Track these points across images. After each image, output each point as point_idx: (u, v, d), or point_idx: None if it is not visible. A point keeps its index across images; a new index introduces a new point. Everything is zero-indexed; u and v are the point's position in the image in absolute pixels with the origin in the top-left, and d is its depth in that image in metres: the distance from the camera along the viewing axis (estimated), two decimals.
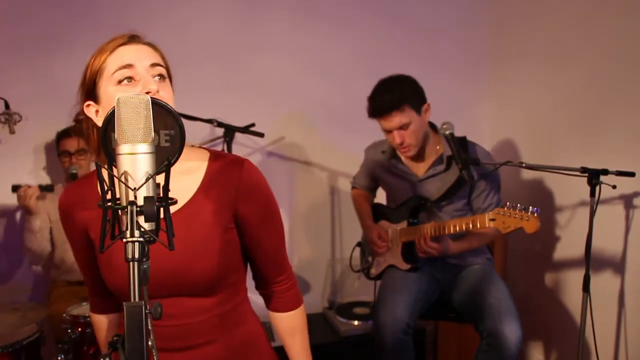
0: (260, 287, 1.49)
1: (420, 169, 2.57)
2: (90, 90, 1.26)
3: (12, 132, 2.82)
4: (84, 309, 2.56)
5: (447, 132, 2.32)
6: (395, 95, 2.37)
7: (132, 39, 1.26)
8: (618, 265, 2.66)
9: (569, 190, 2.90)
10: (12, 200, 3.12)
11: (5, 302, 2.75)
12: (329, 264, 3.68)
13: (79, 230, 1.34)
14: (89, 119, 1.30)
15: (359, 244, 2.98)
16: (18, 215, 3.26)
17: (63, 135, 3.03)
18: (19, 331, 2.55)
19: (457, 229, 2.28)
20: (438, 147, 2.55)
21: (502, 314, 2.28)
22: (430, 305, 2.63)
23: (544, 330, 3.30)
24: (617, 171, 2.18)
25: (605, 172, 2.17)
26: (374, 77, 2.60)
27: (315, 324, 3.36)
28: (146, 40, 1.30)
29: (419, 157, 2.54)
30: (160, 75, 1.24)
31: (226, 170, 1.32)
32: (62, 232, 2.86)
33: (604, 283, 2.73)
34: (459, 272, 2.58)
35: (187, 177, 1.29)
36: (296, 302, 1.48)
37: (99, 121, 1.27)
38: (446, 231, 2.30)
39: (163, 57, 1.30)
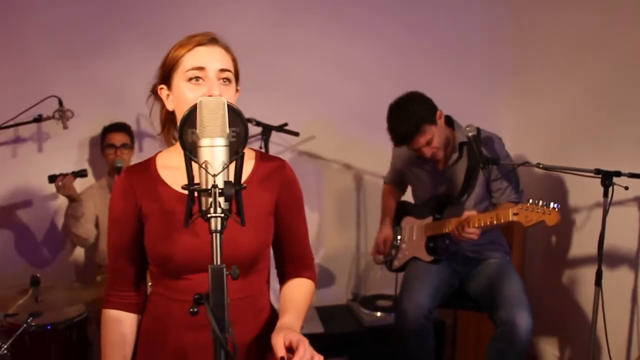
0: (283, 271, 1.62)
1: (441, 161, 2.74)
2: (165, 77, 1.44)
3: (65, 127, 3.06)
4: None
5: (470, 134, 2.50)
6: (411, 121, 2.53)
7: (210, 41, 1.43)
8: (632, 263, 2.80)
9: (584, 192, 3.04)
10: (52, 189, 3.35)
11: (55, 283, 2.94)
12: (353, 257, 3.86)
13: (131, 207, 1.46)
14: (159, 98, 1.49)
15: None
16: (57, 202, 3.49)
17: (110, 129, 3.23)
18: (69, 309, 2.76)
19: (482, 223, 2.43)
20: (452, 139, 2.71)
21: (516, 305, 2.45)
22: (450, 295, 2.80)
23: (558, 325, 3.43)
24: (629, 173, 2.33)
25: (618, 174, 2.32)
26: (398, 82, 2.78)
27: (340, 314, 3.55)
28: (223, 42, 1.46)
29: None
30: (226, 79, 1.41)
31: (271, 167, 1.52)
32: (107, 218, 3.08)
33: (618, 280, 2.88)
34: (477, 265, 2.75)
35: None
36: (311, 278, 1.61)
37: (168, 104, 1.45)
38: (471, 225, 2.46)
39: (234, 60, 1.47)
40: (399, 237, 2.99)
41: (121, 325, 1.49)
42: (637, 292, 2.80)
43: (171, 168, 1.48)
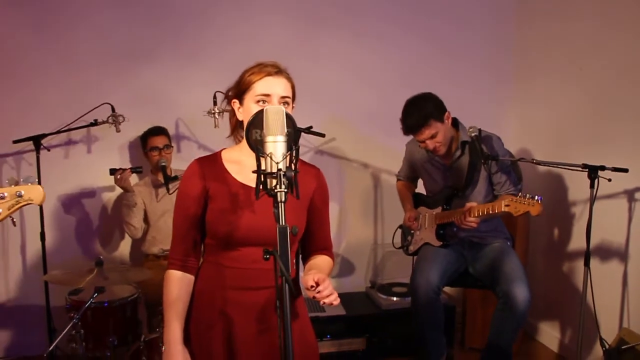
0: (309, 252, 1.98)
1: (448, 157, 3.10)
2: (238, 95, 1.82)
3: (118, 130, 3.46)
4: None
5: (473, 135, 2.86)
6: (421, 114, 2.90)
7: (277, 72, 1.79)
8: (621, 249, 3.15)
9: (584, 188, 3.36)
10: (103, 184, 3.79)
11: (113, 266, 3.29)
12: (372, 248, 4.22)
13: (200, 189, 1.79)
14: (232, 109, 1.86)
15: (400, 227, 3.50)
16: (107, 197, 3.89)
17: (151, 133, 3.59)
18: (123, 290, 3.14)
19: (480, 212, 2.79)
20: (456, 138, 3.06)
21: (514, 279, 2.80)
22: (458, 276, 3.16)
23: (559, 310, 3.77)
24: (612, 167, 2.67)
25: (603, 167, 2.67)
26: (411, 87, 3.12)
27: (360, 300, 3.90)
28: (286, 73, 1.82)
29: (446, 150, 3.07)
30: (286, 102, 1.78)
31: (311, 172, 1.91)
32: (155, 212, 3.49)
33: (609, 266, 3.22)
34: (481, 249, 3.10)
35: None
36: (330, 256, 1.98)
37: (239, 115, 1.83)
38: (472, 215, 2.81)
39: (292, 87, 1.83)
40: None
41: (182, 282, 1.81)
42: (627, 275, 3.13)
43: (234, 162, 1.85)
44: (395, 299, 3.73)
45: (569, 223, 3.61)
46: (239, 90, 1.82)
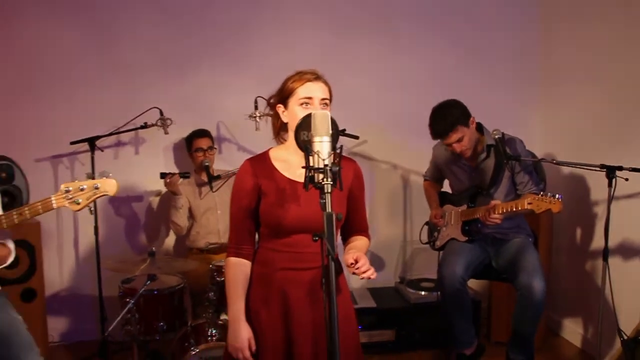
0: (348, 234, 2.20)
1: (473, 159, 3.29)
2: (283, 100, 2.04)
3: (166, 133, 3.74)
4: (223, 262, 3.22)
5: (497, 137, 3.06)
6: (448, 120, 3.10)
7: (316, 78, 2.02)
8: (639, 244, 3.30)
9: (604, 186, 3.52)
10: (150, 183, 4.05)
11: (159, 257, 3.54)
12: (401, 246, 4.43)
13: (253, 184, 2.03)
14: (276, 113, 2.08)
15: (426, 224, 3.70)
16: (153, 195, 4.17)
17: (197, 135, 3.85)
18: (170, 279, 3.38)
19: (504, 210, 2.98)
20: (482, 142, 3.25)
21: (532, 272, 3.01)
22: (482, 269, 3.35)
23: (581, 307, 3.92)
24: (630, 167, 2.84)
25: (620, 168, 2.84)
26: (439, 91, 3.32)
27: (389, 294, 4.12)
28: (323, 79, 2.05)
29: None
30: (325, 104, 2.02)
31: (347, 163, 2.12)
32: (199, 209, 3.76)
33: (627, 259, 3.38)
34: (503, 245, 3.29)
35: None
36: (367, 237, 2.21)
37: (284, 117, 2.05)
38: (496, 212, 3.01)
39: (330, 90, 2.05)
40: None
41: (239, 267, 2.05)
42: None
43: (281, 160, 2.08)
44: (423, 293, 3.93)
45: (591, 222, 3.77)
46: (283, 96, 2.05)
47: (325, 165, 1.60)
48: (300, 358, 1.98)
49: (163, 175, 3.72)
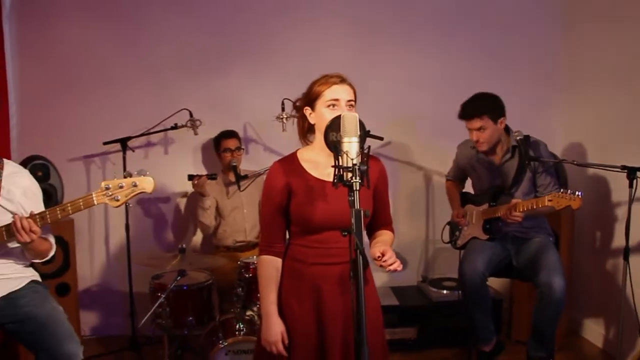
0: (374, 228, 2.29)
1: (497, 158, 3.35)
2: (310, 102, 2.13)
3: (196, 133, 3.86)
4: (251, 258, 3.39)
5: (518, 138, 3.13)
6: (477, 106, 3.20)
7: (341, 81, 2.12)
8: None
9: (625, 187, 3.56)
10: (178, 183, 4.15)
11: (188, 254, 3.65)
12: (423, 246, 4.49)
13: (284, 183, 2.12)
14: (303, 115, 2.17)
15: (448, 223, 3.77)
16: (181, 194, 4.29)
17: (225, 136, 3.96)
18: (199, 275, 3.48)
19: (525, 207, 3.04)
20: (508, 143, 3.31)
21: (552, 270, 3.07)
22: (503, 267, 3.41)
23: (603, 307, 3.94)
24: None
25: None
26: (460, 92, 3.36)
27: (412, 292, 4.19)
28: (348, 81, 2.14)
29: (492, 151, 3.32)
30: (351, 105, 2.11)
31: (373, 162, 2.20)
32: (226, 208, 3.87)
33: None
34: (524, 243, 3.34)
35: None
36: (392, 230, 2.31)
37: (311, 119, 2.14)
38: (517, 210, 3.07)
39: (354, 92, 2.14)
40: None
41: (271, 264, 2.16)
42: None
43: (308, 161, 2.17)
44: (445, 292, 3.99)
45: (612, 223, 3.80)
46: (310, 98, 2.14)
47: (354, 165, 1.69)
48: (331, 347, 2.08)
49: (191, 177, 3.83)
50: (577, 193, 2.81)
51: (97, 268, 4.23)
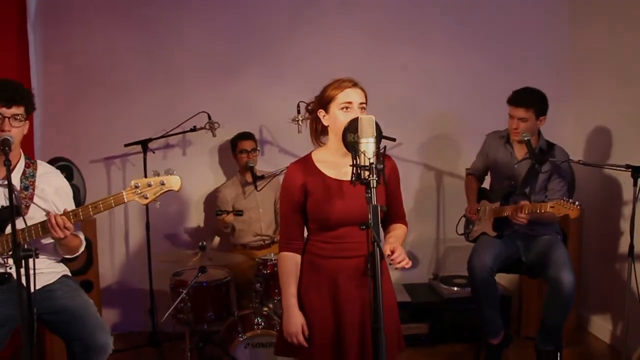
0: (388, 222, 2.40)
1: (520, 153, 3.45)
2: (324, 105, 2.25)
3: (214, 135, 3.98)
4: (268, 255, 3.53)
5: (526, 139, 3.23)
6: (529, 97, 3.31)
7: (354, 85, 2.23)
8: None
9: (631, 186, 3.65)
10: (195, 183, 4.29)
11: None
12: (434, 244, 4.60)
13: (301, 182, 2.24)
14: (317, 117, 2.28)
15: (464, 216, 3.81)
16: (199, 195, 4.42)
17: (240, 137, 4.08)
18: (218, 272, 3.57)
19: (529, 211, 3.16)
20: (536, 143, 3.39)
21: (561, 266, 3.18)
22: (512, 262, 3.50)
23: (611, 304, 4.02)
24: None
25: None
26: (470, 94, 3.46)
27: (423, 289, 4.30)
28: (360, 85, 2.26)
29: (520, 143, 3.41)
30: (363, 108, 2.23)
31: (385, 160, 2.28)
32: (242, 207, 3.94)
33: None
34: (533, 240, 3.44)
35: None
36: (405, 224, 2.42)
37: (325, 121, 2.25)
38: (522, 212, 3.18)
39: (366, 96, 2.26)
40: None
41: (290, 260, 2.28)
42: None
43: (322, 161, 2.29)
44: (456, 289, 4.10)
45: (619, 221, 3.89)
46: (323, 102, 2.25)
47: (371, 164, 1.81)
48: (348, 336, 2.18)
49: (219, 213, 3.90)
50: (576, 203, 2.95)
51: (118, 266, 4.37)
